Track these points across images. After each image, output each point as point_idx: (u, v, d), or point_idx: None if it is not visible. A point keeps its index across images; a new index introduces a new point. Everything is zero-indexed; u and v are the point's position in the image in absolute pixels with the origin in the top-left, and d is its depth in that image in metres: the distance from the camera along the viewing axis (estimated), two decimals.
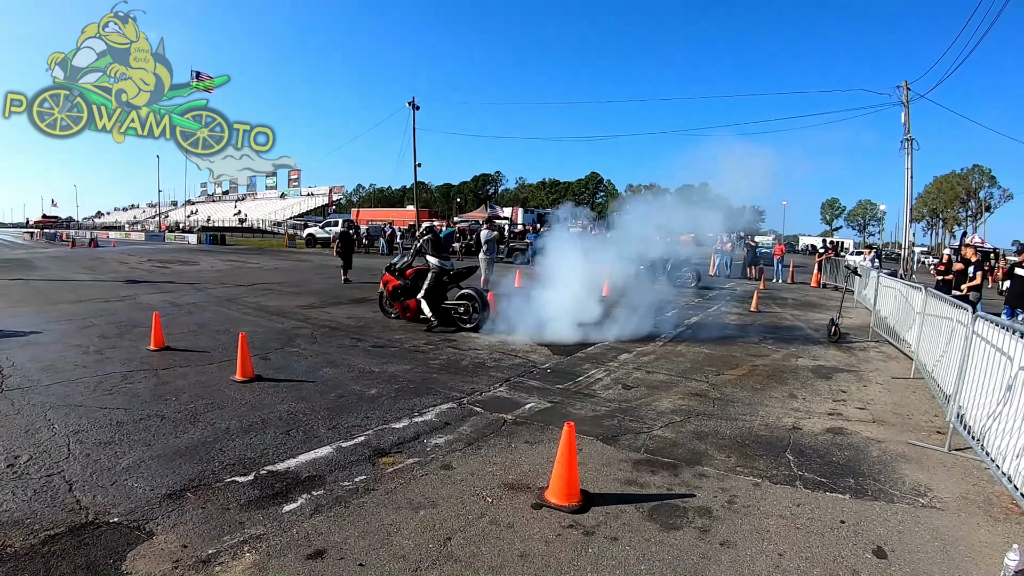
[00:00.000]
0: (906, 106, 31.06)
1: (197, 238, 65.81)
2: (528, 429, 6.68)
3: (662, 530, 4.46)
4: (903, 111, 31.16)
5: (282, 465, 5.51)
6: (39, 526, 4.28)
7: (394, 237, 45.93)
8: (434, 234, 13.26)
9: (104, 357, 9.55)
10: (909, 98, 31.13)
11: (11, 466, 5.34)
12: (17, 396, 7.43)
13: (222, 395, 7.65)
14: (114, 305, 15.51)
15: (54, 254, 40.28)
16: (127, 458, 5.56)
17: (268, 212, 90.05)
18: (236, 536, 4.23)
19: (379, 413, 7.07)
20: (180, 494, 4.86)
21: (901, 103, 31.18)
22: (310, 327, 12.69)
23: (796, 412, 7.63)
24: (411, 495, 4.95)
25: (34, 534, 4.17)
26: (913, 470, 5.87)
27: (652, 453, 6.05)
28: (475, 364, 9.65)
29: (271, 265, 31.13)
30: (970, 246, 17.10)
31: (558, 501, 4.77)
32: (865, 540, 4.44)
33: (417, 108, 50.39)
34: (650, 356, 10.72)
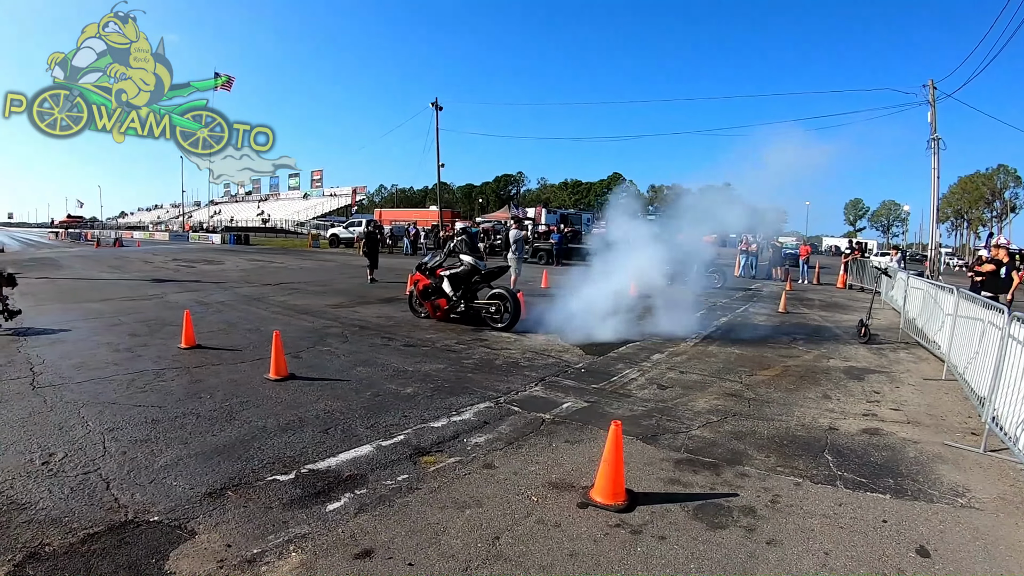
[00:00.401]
0: (932, 105, 30.85)
1: (221, 238, 66.12)
2: (567, 428, 6.72)
3: (708, 529, 4.50)
4: (929, 110, 30.97)
5: (322, 464, 5.53)
6: (77, 524, 4.29)
7: (418, 237, 46.04)
8: (468, 235, 13.40)
9: (135, 355, 9.64)
10: (936, 97, 30.94)
11: (46, 463, 5.36)
12: (49, 393, 7.48)
13: (257, 393, 7.70)
14: (141, 304, 15.67)
15: (79, 253, 40.57)
16: (164, 456, 5.59)
17: (291, 212, 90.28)
18: (281, 535, 4.23)
19: (416, 412, 7.11)
20: (221, 493, 4.87)
21: (927, 102, 30.98)
22: (340, 326, 12.77)
23: (831, 413, 7.64)
24: (455, 494, 4.98)
25: (72, 533, 4.17)
26: (950, 471, 5.87)
27: (692, 453, 6.09)
28: (508, 363, 9.70)
29: (296, 265, 31.28)
30: (1001, 246, 16.97)
31: (604, 500, 4.81)
32: (908, 539, 4.46)
33: (440, 109, 50.60)
34: (682, 356, 10.74)
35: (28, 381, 8.01)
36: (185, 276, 23.94)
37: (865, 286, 24.13)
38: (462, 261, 12.89)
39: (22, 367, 8.74)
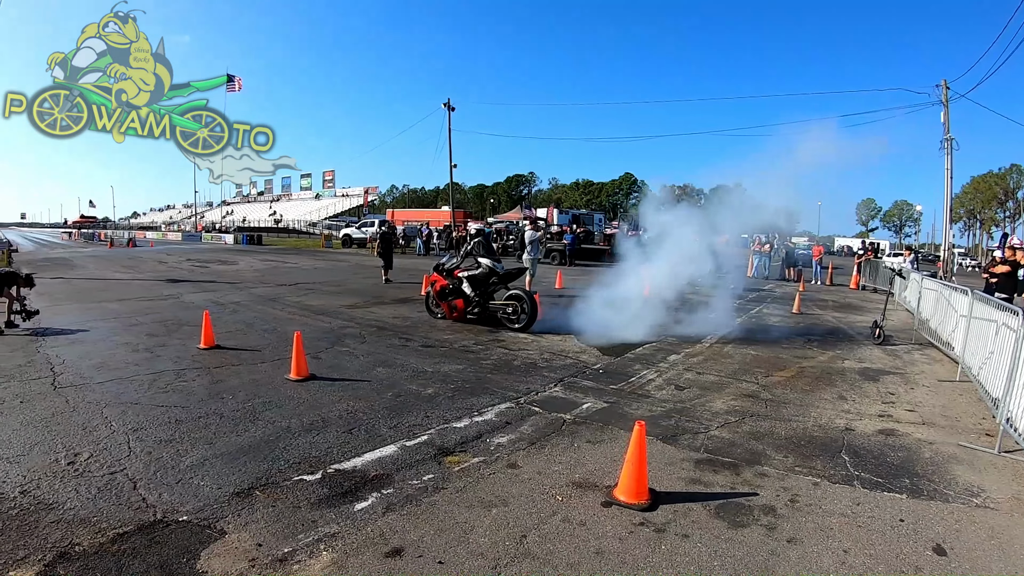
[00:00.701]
0: (945, 105, 30.78)
1: (234, 238, 66.30)
2: (588, 429, 6.81)
3: (730, 527, 4.59)
4: (942, 110, 30.90)
5: (348, 464, 5.61)
6: (106, 524, 4.33)
7: (431, 237, 46.12)
8: (485, 237, 13.49)
9: (154, 355, 9.74)
10: (949, 97, 30.88)
11: (71, 463, 5.42)
12: (71, 393, 7.57)
13: (278, 394, 7.78)
14: (158, 304, 15.80)
15: (93, 253, 40.79)
16: (190, 456, 5.66)
17: (303, 213, 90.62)
18: (310, 534, 4.29)
19: (438, 412, 7.19)
20: (248, 492, 4.93)
21: (940, 102, 30.91)
22: (357, 326, 12.87)
23: (847, 414, 7.71)
24: (481, 493, 5.07)
25: (102, 533, 4.22)
26: (965, 471, 5.94)
27: (712, 453, 6.18)
28: (527, 364, 9.79)
29: (309, 265, 31.42)
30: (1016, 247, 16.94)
31: (627, 499, 4.90)
32: (924, 538, 4.53)
33: (453, 109, 50.60)
34: (698, 357, 10.81)
35: (49, 381, 8.11)
36: (200, 276, 24.10)
37: (878, 287, 24.10)
38: (479, 263, 12.99)
39: (43, 367, 8.84)
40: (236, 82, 59.12)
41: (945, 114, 30.66)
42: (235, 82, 58.76)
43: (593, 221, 53.79)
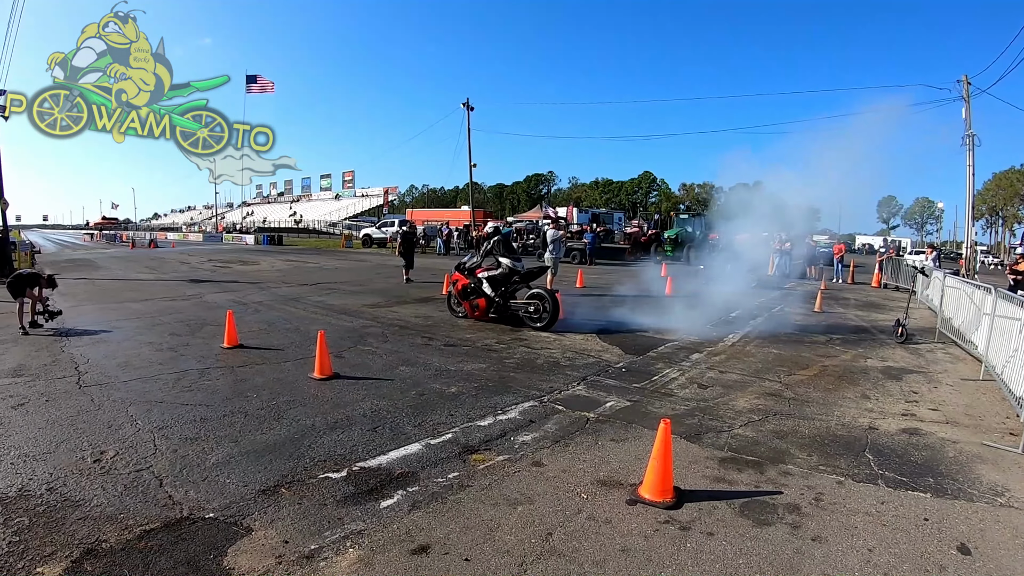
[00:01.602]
0: (967, 101, 30.48)
1: (254, 239, 66.80)
2: (612, 427, 6.84)
3: (755, 526, 4.62)
4: (964, 106, 30.63)
5: (373, 462, 5.67)
6: (133, 521, 4.40)
7: (451, 237, 46.19)
8: (503, 236, 13.49)
9: (178, 355, 9.89)
10: (970, 93, 30.61)
11: (97, 461, 5.53)
12: (96, 392, 7.72)
13: (302, 392, 7.88)
14: (180, 304, 16.02)
15: (115, 254, 41.52)
16: (215, 454, 5.76)
17: (323, 213, 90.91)
18: (337, 532, 4.34)
19: (463, 411, 7.26)
20: (274, 490, 5.01)
21: (962, 98, 30.63)
22: (380, 326, 12.96)
23: (870, 413, 7.69)
24: (506, 491, 5.11)
25: (128, 529, 4.29)
26: (989, 470, 5.92)
27: (736, 451, 6.20)
28: (550, 363, 9.82)
29: (330, 265, 31.58)
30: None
31: (652, 497, 4.94)
32: (949, 537, 4.53)
33: (472, 109, 50.72)
34: (721, 356, 10.80)
35: (74, 380, 8.28)
36: (222, 276, 24.36)
37: (900, 285, 23.93)
38: (500, 263, 13.04)
39: (67, 367, 9.02)
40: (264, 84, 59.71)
41: (967, 110, 30.37)
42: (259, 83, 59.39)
43: (613, 220, 53.75)
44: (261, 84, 59.17)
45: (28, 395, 7.56)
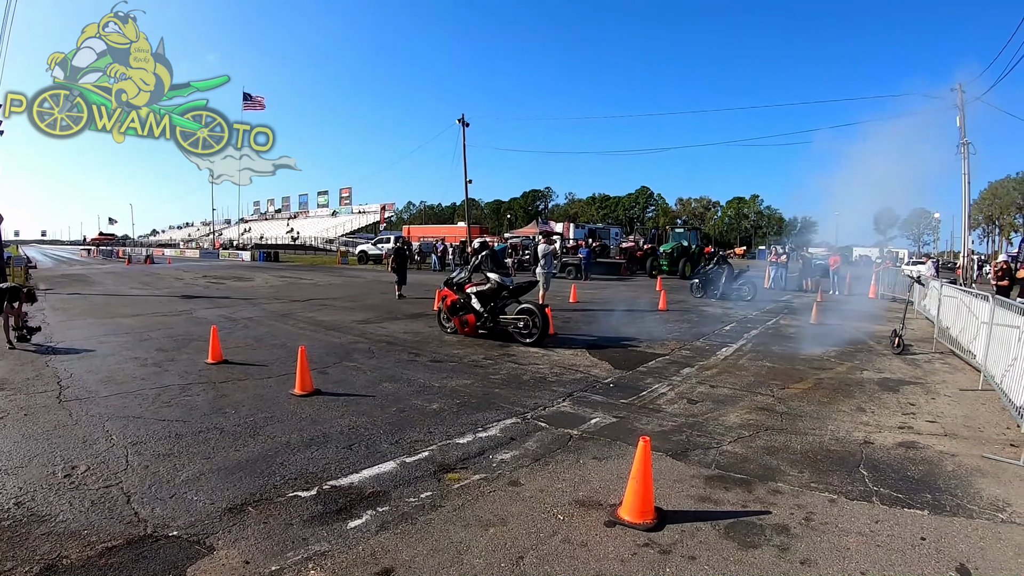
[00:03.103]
0: (961, 109, 30.45)
1: (251, 255, 67.13)
2: (596, 444, 6.62)
3: (740, 548, 4.39)
4: (958, 114, 30.58)
5: (345, 480, 5.50)
6: (96, 538, 4.30)
7: (446, 253, 46.22)
8: (491, 250, 13.34)
9: (162, 370, 9.77)
10: (964, 101, 30.55)
11: (68, 476, 5.42)
12: (75, 407, 7.62)
13: (282, 409, 7.72)
14: (170, 319, 15.91)
15: (110, 270, 41.63)
16: (186, 471, 5.62)
17: (320, 230, 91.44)
18: (300, 552, 4.20)
19: (442, 428, 7.06)
20: (241, 508, 4.86)
21: (956, 106, 30.60)
22: (367, 342, 12.78)
23: (866, 426, 7.49)
24: (480, 512, 4.91)
25: (91, 546, 4.18)
26: (990, 484, 5.72)
27: (723, 469, 5.97)
28: (536, 379, 9.62)
29: (325, 281, 31.52)
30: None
31: (632, 519, 4.72)
32: (948, 557, 4.32)
33: (467, 125, 50.86)
34: (713, 370, 10.60)
35: (55, 394, 8.19)
36: (215, 292, 24.30)
37: (897, 296, 23.84)
38: (488, 279, 12.87)
39: (50, 381, 8.94)
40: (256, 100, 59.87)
41: (961, 118, 30.33)
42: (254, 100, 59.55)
43: (609, 235, 53.87)
44: (255, 101, 59.38)
45: (7, 409, 7.50)
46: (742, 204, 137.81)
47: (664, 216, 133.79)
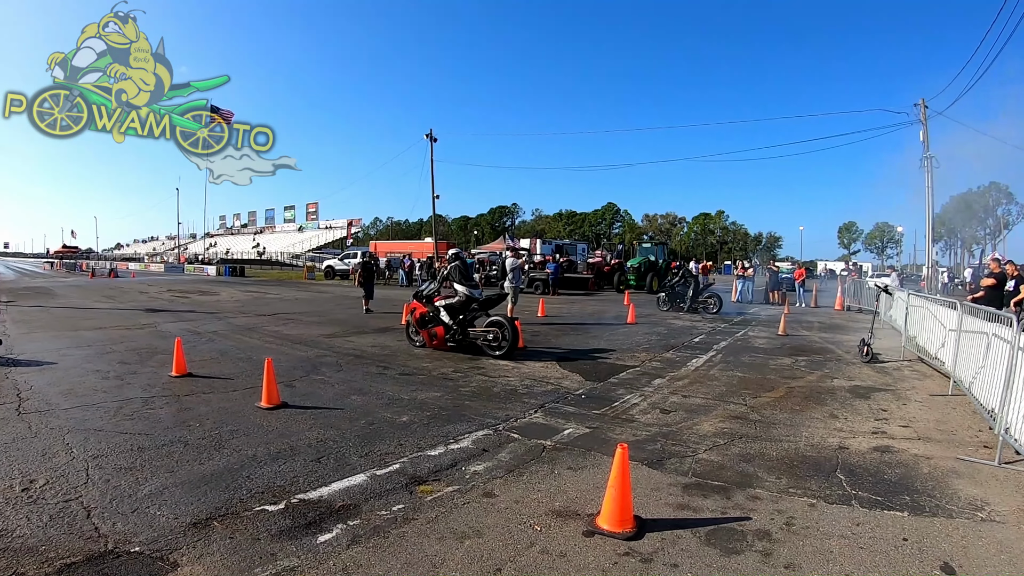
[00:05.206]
0: (924, 124, 30.96)
1: (216, 270, 66.90)
2: (570, 455, 6.54)
3: (722, 555, 4.32)
4: (921, 129, 31.07)
5: (314, 493, 5.36)
6: (54, 554, 4.15)
7: (413, 268, 46.14)
8: (461, 260, 13.24)
9: (124, 383, 9.60)
10: (927, 116, 31.04)
11: (26, 490, 5.26)
12: (35, 419, 7.46)
13: (247, 422, 7.58)
14: (134, 332, 15.73)
15: (74, 283, 41.49)
16: (149, 484, 5.46)
17: (286, 245, 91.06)
18: (268, 568, 4.04)
19: (412, 440, 6.94)
20: (206, 523, 4.72)
21: (919, 121, 31.08)
22: (335, 355, 12.65)
23: (840, 432, 7.49)
24: (454, 524, 4.79)
25: (49, 562, 4.03)
26: (967, 485, 5.76)
27: (700, 476, 5.92)
28: (507, 391, 9.53)
29: (291, 296, 31.38)
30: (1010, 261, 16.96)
31: (611, 528, 4.62)
32: (931, 556, 4.32)
33: (435, 140, 50.90)
34: (684, 381, 10.57)
35: (14, 407, 8.02)
36: (179, 306, 24.14)
37: (863, 307, 24.09)
38: (456, 291, 12.78)
39: (9, 393, 8.76)
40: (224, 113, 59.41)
41: (924, 132, 30.84)
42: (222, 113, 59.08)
43: (576, 251, 54.01)
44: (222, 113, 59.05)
45: None
46: (708, 220, 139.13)
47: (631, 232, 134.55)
